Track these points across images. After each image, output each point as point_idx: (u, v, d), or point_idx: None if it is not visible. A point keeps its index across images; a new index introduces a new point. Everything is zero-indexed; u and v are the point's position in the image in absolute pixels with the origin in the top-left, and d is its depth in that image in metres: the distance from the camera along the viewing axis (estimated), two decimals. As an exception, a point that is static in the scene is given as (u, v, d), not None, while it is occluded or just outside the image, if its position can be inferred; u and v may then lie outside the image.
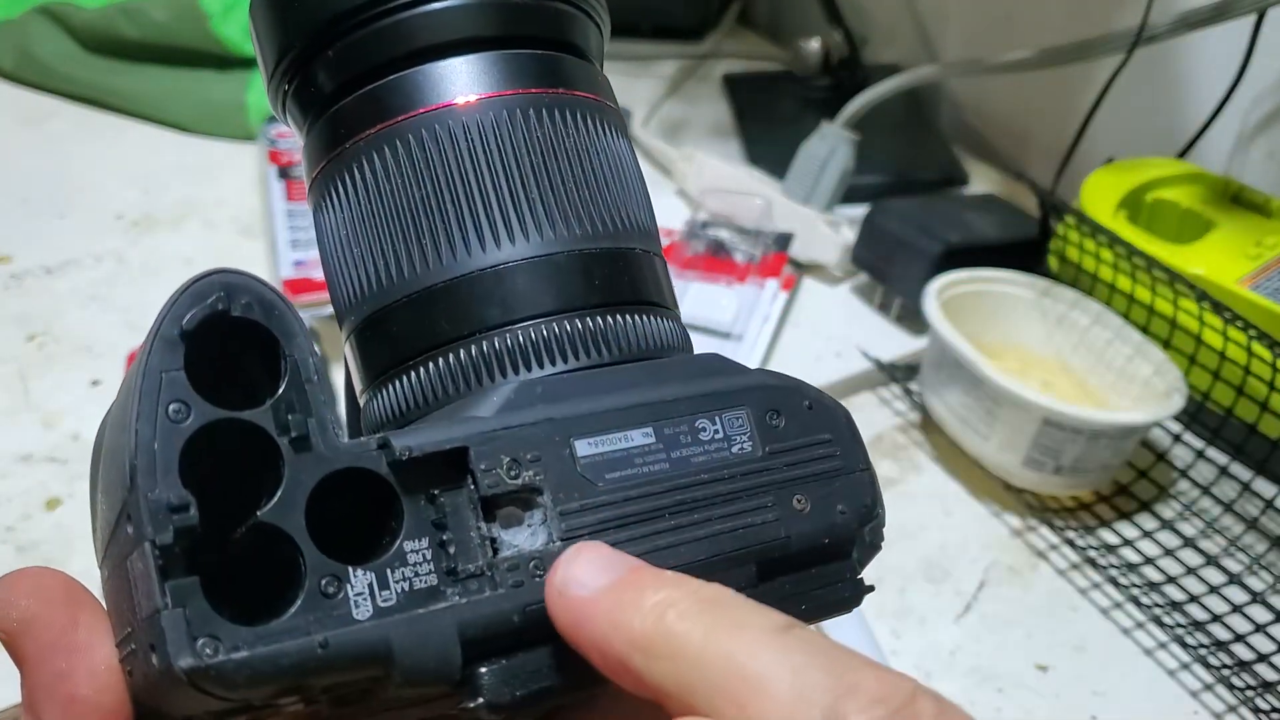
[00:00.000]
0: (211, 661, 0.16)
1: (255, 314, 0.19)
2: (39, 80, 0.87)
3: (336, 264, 0.25)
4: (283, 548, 0.18)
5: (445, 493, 0.19)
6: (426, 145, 0.23)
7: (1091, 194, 0.71)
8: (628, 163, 0.26)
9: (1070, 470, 0.57)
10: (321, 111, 0.25)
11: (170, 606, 0.16)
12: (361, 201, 0.24)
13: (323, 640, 0.17)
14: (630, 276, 0.24)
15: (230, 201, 0.77)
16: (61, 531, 0.51)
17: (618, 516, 0.20)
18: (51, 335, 0.64)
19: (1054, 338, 0.65)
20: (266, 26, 0.25)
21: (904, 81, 0.79)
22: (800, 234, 0.75)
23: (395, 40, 0.24)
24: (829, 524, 0.23)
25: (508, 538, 0.19)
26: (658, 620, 0.18)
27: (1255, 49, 0.71)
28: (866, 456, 0.24)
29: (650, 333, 0.24)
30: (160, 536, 0.16)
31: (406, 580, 0.18)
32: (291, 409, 0.18)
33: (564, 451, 0.20)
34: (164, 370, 0.18)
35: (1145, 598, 0.54)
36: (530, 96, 0.24)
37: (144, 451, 0.17)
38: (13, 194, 0.76)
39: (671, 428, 0.22)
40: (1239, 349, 0.58)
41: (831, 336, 0.70)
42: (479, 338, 0.22)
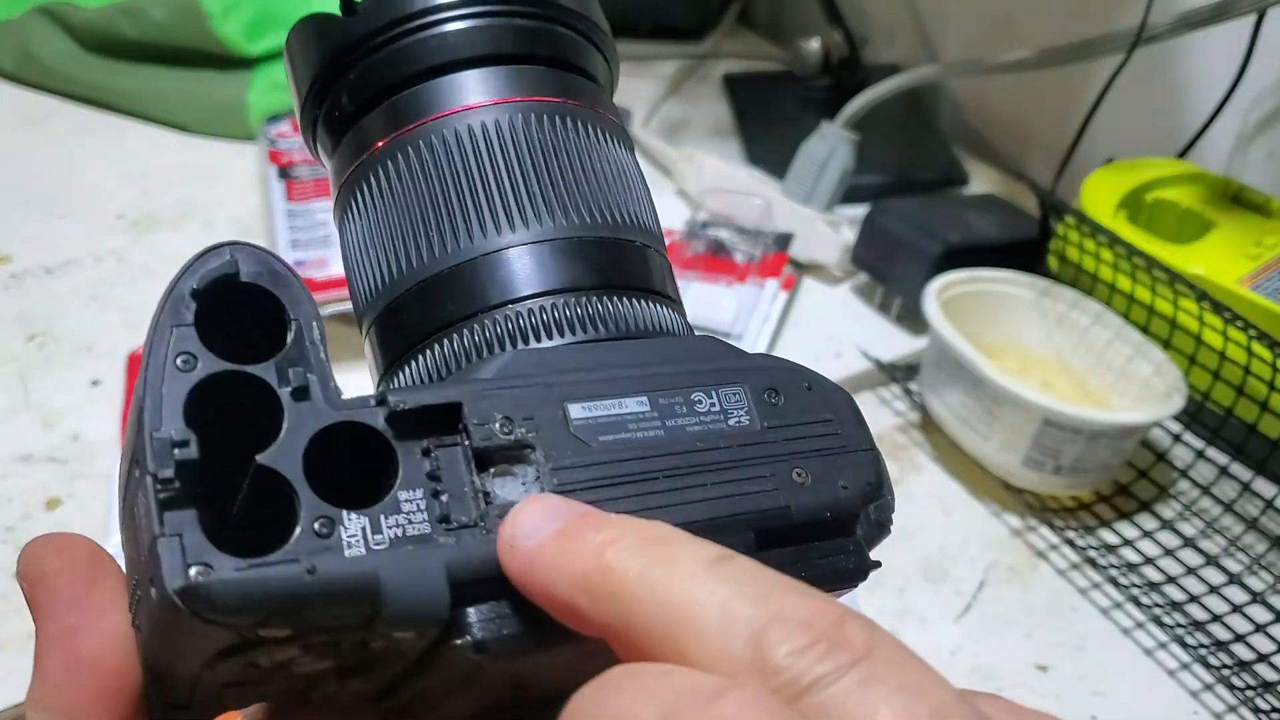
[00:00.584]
0: (201, 581, 0.17)
1: (264, 281, 0.20)
2: (39, 80, 0.87)
3: (356, 268, 0.26)
4: (282, 492, 0.18)
5: (440, 447, 0.20)
6: (435, 147, 0.25)
7: (1091, 194, 0.71)
8: (630, 169, 0.27)
9: (1070, 470, 0.57)
10: (344, 131, 0.26)
11: (168, 535, 0.17)
12: (377, 205, 0.25)
13: (310, 567, 0.17)
14: (630, 264, 0.25)
15: (230, 201, 0.77)
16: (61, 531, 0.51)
17: (610, 475, 0.21)
18: (51, 335, 0.64)
19: (1054, 338, 0.65)
20: (298, 56, 0.27)
21: (904, 81, 0.79)
22: (800, 234, 0.75)
23: (411, 59, 0.25)
24: (831, 498, 0.23)
25: (501, 491, 0.20)
26: (597, 559, 0.18)
27: (1255, 49, 0.71)
28: (870, 438, 0.24)
29: (649, 317, 0.25)
30: (162, 470, 0.17)
31: (399, 526, 0.19)
32: (293, 365, 0.19)
33: (557, 413, 0.21)
34: (174, 325, 0.19)
35: (1145, 598, 0.54)
36: (537, 103, 0.25)
37: (150, 396, 0.18)
38: (13, 194, 0.76)
39: (666, 398, 0.22)
40: (1239, 349, 0.58)
41: (831, 336, 0.70)
42: (481, 316, 0.23)
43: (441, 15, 0.25)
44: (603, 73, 0.28)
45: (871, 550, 0.23)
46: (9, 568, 0.49)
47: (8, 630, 0.46)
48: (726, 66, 1.04)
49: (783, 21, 1.14)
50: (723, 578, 0.17)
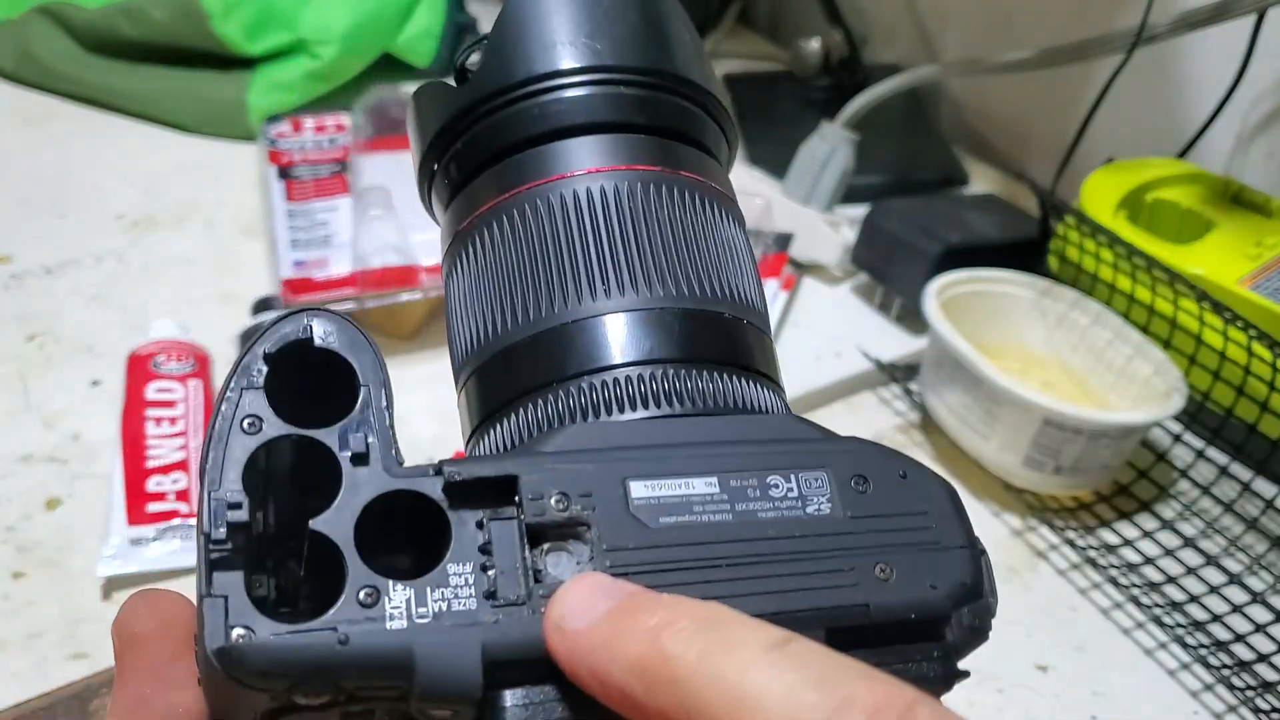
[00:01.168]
0: (238, 645, 0.17)
1: (337, 346, 0.20)
2: (39, 80, 0.87)
3: (456, 324, 0.26)
4: (331, 557, 0.18)
5: (495, 520, 0.19)
6: (539, 211, 0.25)
7: (1091, 194, 0.71)
8: (736, 243, 0.26)
9: (1070, 470, 0.57)
10: (457, 192, 0.27)
11: (213, 595, 0.17)
12: (479, 265, 0.25)
13: (343, 637, 0.17)
14: (717, 337, 0.24)
15: (230, 201, 0.77)
16: (61, 531, 0.51)
17: (669, 560, 0.20)
18: (51, 335, 0.64)
19: (1054, 338, 0.65)
20: (416, 126, 0.28)
21: (904, 81, 0.79)
22: (800, 234, 0.75)
23: (521, 126, 0.25)
24: (917, 598, 0.21)
25: (553, 569, 0.19)
26: (652, 643, 0.17)
27: (1255, 49, 0.71)
28: (971, 535, 0.22)
29: (734, 393, 0.23)
30: (215, 530, 0.18)
31: (445, 600, 0.18)
32: (356, 430, 0.20)
33: (617, 491, 0.20)
34: (244, 387, 0.20)
35: (1145, 598, 0.54)
36: (644, 172, 0.25)
37: (214, 455, 0.19)
38: (13, 194, 0.76)
39: (739, 480, 0.21)
40: (1239, 349, 0.58)
41: (831, 336, 0.70)
42: (557, 386, 0.23)
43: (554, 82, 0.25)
44: (714, 142, 0.27)
45: (963, 658, 0.21)
46: (9, 568, 0.49)
47: (8, 630, 0.46)
48: (726, 66, 1.04)
49: (783, 21, 1.14)
50: (786, 662, 0.16)
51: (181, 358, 0.58)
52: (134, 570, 0.49)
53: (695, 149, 0.26)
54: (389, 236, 0.65)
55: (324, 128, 0.78)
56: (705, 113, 0.27)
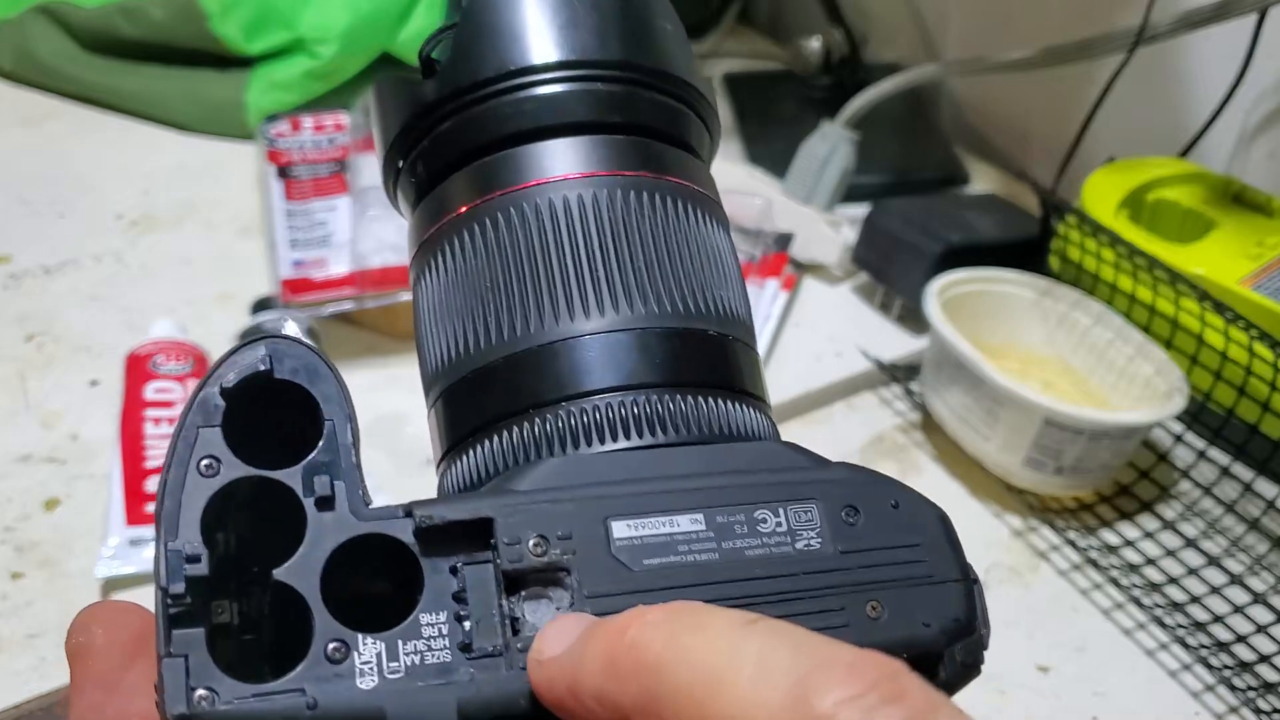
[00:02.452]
0: (200, 712, 0.16)
1: (299, 378, 0.19)
2: (38, 80, 0.87)
3: (426, 337, 0.24)
4: (298, 608, 0.18)
5: (469, 565, 0.19)
6: (513, 219, 0.23)
7: (1093, 193, 0.70)
8: (720, 252, 0.25)
9: (1071, 470, 0.56)
10: (426, 191, 0.25)
11: (173, 655, 0.17)
12: (452, 275, 0.24)
13: (311, 702, 0.17)
14: (700, 358, 0.23)
15: (230, 201, 0.77)
16: (60, 532, 0.51)
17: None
18: (51, 335, 0.63)
19: (1055, 338, 0.65)
20: (379, 119, 0.26)
21: (905, 80, 0.79)
22: (800, 234, 0.75)
23: (491, 125, 0.24)
24: (909, 636, 0.20)
25: (531, 617, 0.19)
26: (620, 636, 0.17)
27: (1257, 48, 0.71)
28: (964, 566, 0.21)
29: (718, 417, 0.22)
30: (172, 585, 0.17)
31: (418, 654, 0.18)
32: (320, 471, 0.18)
33: (598, 532, 0.19)
34: (200, 426, 0.18)
35: (1146, 598, 0.54)
36: (626, 178, 0.24)
37: (170, 502, 0.18)
38: (12, 194, 0.76)
39: (725, 516, 0.20)
40: (1240, 349, 0.58)
41: (832, 336, 0.70)
42: (532, 413, 0.22)
43: (527, 79, 0.24)
44: (699, 138, 0.26)
45: (955, 694, 0.21)
46: (9, 568, 0.49)
47: (7, 630, 0.46)
48: (726, 66, 1.04)
49: (783, 20, 1.14)
50: (754, 636, 0.16)
51: (180, 358, 0.58)
52: (132, 571, 0.48)
53: (678, 148, 0.25)
54: (388, 236, 0.65)
55: (323, 127, 0.78)
56: (688, 108, 0.25)
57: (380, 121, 0.26)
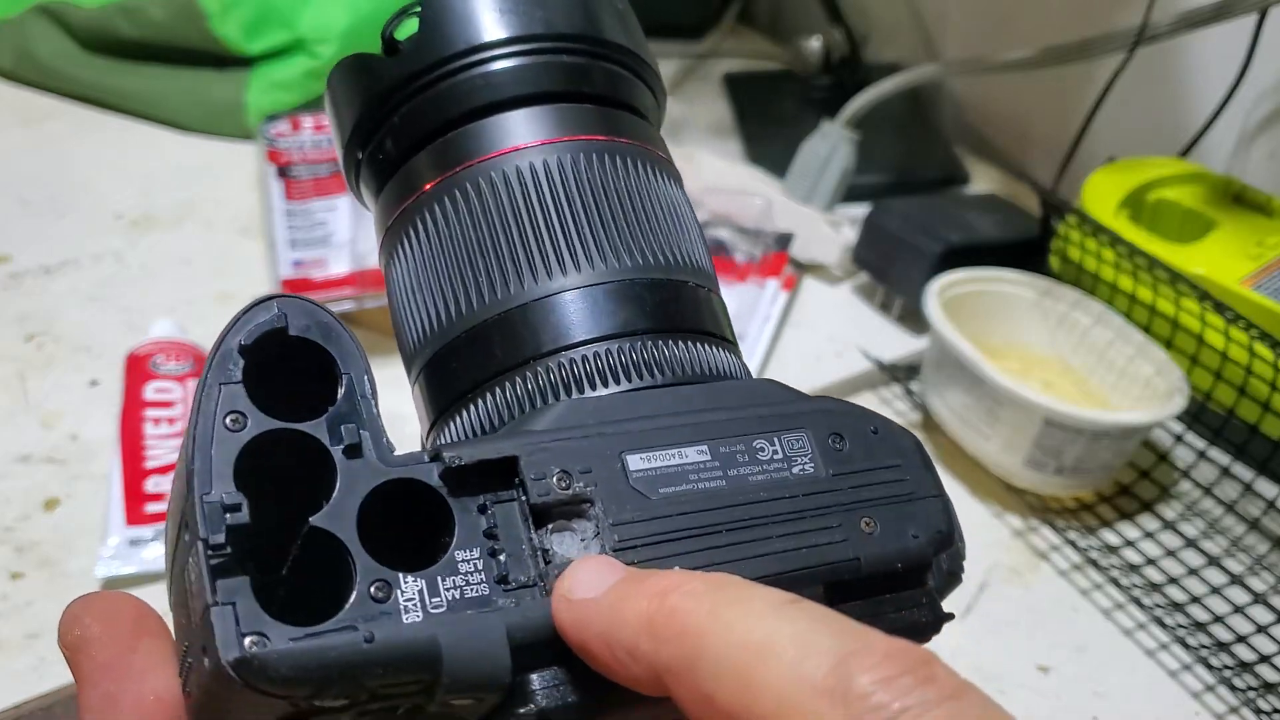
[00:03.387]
0: (257, 653, 0.16)
1: (313, 334, 0.19)
2: (38, 80, 0.87)
3: (403, 313, 0.25)
4: (336, 554, 0.18)
5: (496, 503, 0.19)
6: (483, 189, 0.24)
7: (1093, 193, 0.70)
8: (682, 207, 0.26)
9: (1072, 471, 0.56)
10: (390, 174, 0.26)
11: (221, 604, 0.17)
12: (425, 249, 0.25)
13: (368, 635, 0.17)
14: (683, 306, 0.24)
15: (229, 201, 0.77)
16: (60, 532, 0.51)
17: (672, 529, 0.20)
18: (51, 335, 0.63)
19: (1055, 338, 0.65)
20: (340, 98, 0.26)
21: (905, 80, 0.79)
22: (801, 234, 0.75)
23: (458, 100, 0.25)
24: (901, 548, 0.22)
25: (560, 548, 0.19)
26: (661, 601, 0.17)
27: (1257, 48, 0.71)
28: (940, 484, 0.23)
29: (705, 360, 0.24)
30: (213, 536, 0.17)
31: (457, 589, 0.18)
32: (345, 421, 0.19)
33: (615, 465, 0.20)
34: (222, 383, 0.18)
35: (1146, 599, 0.54)
36: (586, 142, 0.25)
37: (200, 457, 0.18)
38: (12, 194, 0.76)
39: (727, 446, 0.21)
40: (1241, 349, 0.58)
41: (832, 336, 0.70)
42: (534, 364, 0.23)
43: (487, 54, 0.25)
44: (650, 107, 0.27)
45: (943, 600, 0.23)
46: (8, 568, 0.49)
47: (7, 630, 0.46)
48: (727, 65, 1.04)
49: (783, 20, 1.14)
50: (796, 616, 0.16)
51: (180, 358, 0.58)
52: (132, 571, 0.48)
53: (632, 114, 0.26)
54: (388, 236, 0.65)
55: (323, 127, 0.78)
56: (636, 76, 0.27)
57: (343, 104, 0.26)
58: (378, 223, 0.26)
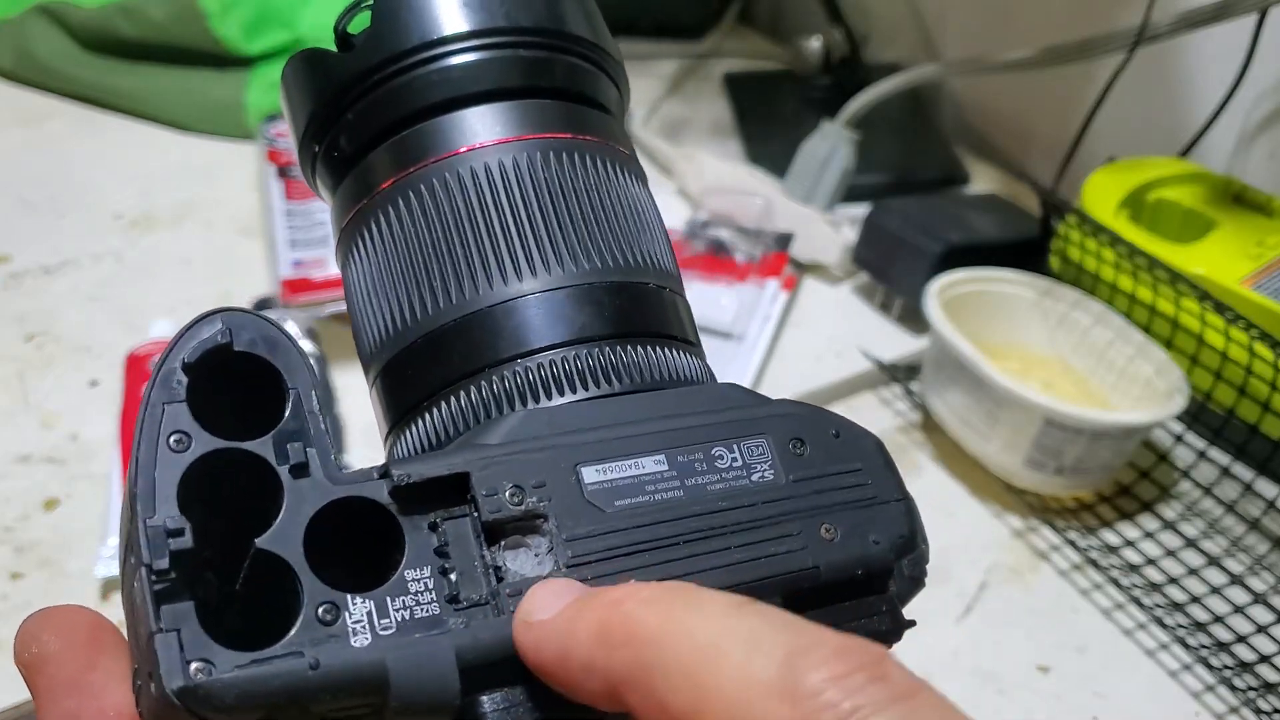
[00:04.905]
0: (201, 681, 0.16)
1: (259, 349, 0.19)
2: (38, 80, 0.87)
3: (360, 316, 0.25)
4: (282, 576, 0.18)
5: (448, 520, 0.19)
6: (438, 190, 0.23)
7: (1093, 193, 0.70)
8: (645, 206, 0.25)
9: (1072, 471, 0.56)
10: (347, 170, 0.25)
11: (164, 630, 0.16)
12: (382, 251, 0.24)
13: (313, 662, 0.17)
14: (645, 310, 0.24)
15: (229, 201, 0.77)
16: (59, 532, 0.51)
17: (629, 543, 0.20)
18: (50, 335, 0.63)
19: (1055, 338, 0.65)
20: (294, 94, 0.26)
21: (905, 80, 0.79)
22: (801, 234, 0.75)
23: (414, 96, 0.24)
24: (861, 554, 0.21)
25: (513, 565, 0.19)
26: (614, 609, 0.17)
27: (1257, 48, 0.71)
28: (902, 486, 0.23)
29: (665, 365, 0.23)
30: (156, 561, 0.17)
31: (407, 609, 0.18)
32: (292, 439, 0.18)
33: (570, 478, 0.20)
34: (165, 402, 0.18)
35: (1146, 599, 0.54)
36: (545, 140, 0.24)
37: (143, 480, 0.17)
38: (12, 194, 0.76)
39: (686, 455, 0.21)
40: (1241, 349, 0.58)
41: (832, 336, 0.70)
42: (489, 372, 0.22)
43: (444, 49, 0.24)
44: (614, 101, 0.27)
45: (905, 606, 0.22)
46: (7, 568, 0.49)
47: (7, 630, 0.46)
48: (727, 65, 1.04)
49: (783, 20, 1.14)
50: (747, 615, 0.16)
51: (180, 358, 0.58)
52: (132, 571, 0.48)
53: (595, 109, 0.26)
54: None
55: (323, 127, 0.78)
56: (600, 70, 0.26)
57: (299, 98, 0.26)
58: (334, 221, 0.26)
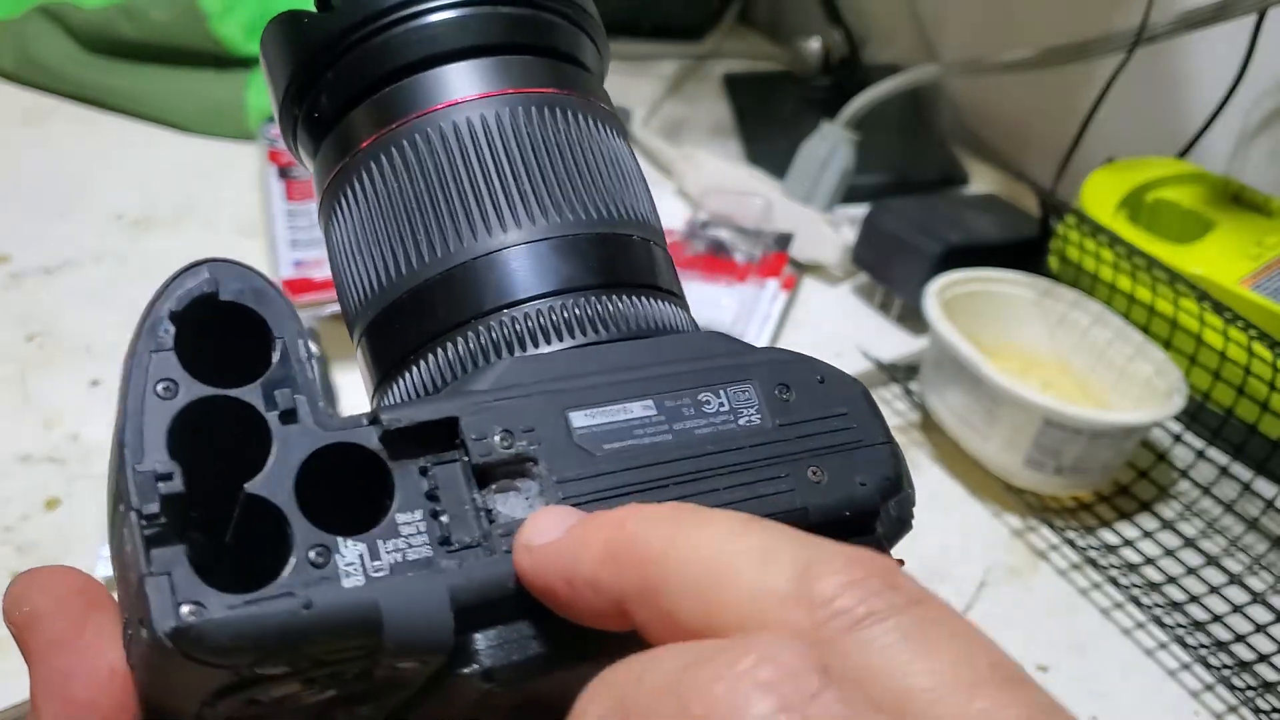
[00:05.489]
0: (193, 622, 0.16)
1: (246, 299, 0.19)
2: (39, 80, 0.87)
3: (344, 275, 0.25)
4: (273, 520, 0.17)
5: (438, 465, 0.19)
6: (421, 145, 0.24)
7: (1092, 194, 0.70)
8: (626, 160, 0.26)
9: (1071, 470, 0.56)
10: (327, 132, 0.25)
11: (155, 574, 0.16)
12: (364, 208, 0.24)
13: (306, 601, 0.17)
14: (628, 260, 0.24)
15: (230, 201, 0.77)
16: (61, 532, 0.51)
17: (617, 485, 0.20)
18: (51, 335, 0.64)
19: (1054, 338, 0.65)
20: (273, 57, 0.26)
21: (904, 81, 0.79)
22: (800, 234, 0.75)
23: (395, 54, 0.24)
24: (848, 496, 0.22)
25: (504, 508, 0.19)
26: (620, 529, 0.17)
27: (1256, 49, 0.71)
28: (887, 431, 0.23)
29: (651, 314, 0.24)
30: (146, 506, 0.17)
31: (399, 551, 0.18)
32: (280, 385, 0.18)
33: (559, 422, 0.20)
34: (152, 350, 0.18)
35: (1145, 598, 0.54)
36: (527, 95, 0.24)
37: (131, 427, 0.17)
38: (12, 194, 0.76)
39: (673, 400, 0.21)
40: (1239, 349, 0.58)
41: (832, 336, 0.70)
42: (475, 323, 0.22)
43: (425, 6, 0.24)
44: (593, 59, 0.27)
45: (893, 547, 0.23)
46: (8, 567, 0.49)
47: (7, 631, 0.46)
48: (726, 66, 1.04)
49: (783, 21, 1.14)
50: (756, 531, 0.16)
51: (181, 358, 0.58)
52: (133, 571, 0.48)
53: (575, 66, 0.26)
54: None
55: (323, 127, 0.78)
56: (578, 27, 0.26)
57: (279, 60, 0.26)
58: (316, 184, 0.26)
